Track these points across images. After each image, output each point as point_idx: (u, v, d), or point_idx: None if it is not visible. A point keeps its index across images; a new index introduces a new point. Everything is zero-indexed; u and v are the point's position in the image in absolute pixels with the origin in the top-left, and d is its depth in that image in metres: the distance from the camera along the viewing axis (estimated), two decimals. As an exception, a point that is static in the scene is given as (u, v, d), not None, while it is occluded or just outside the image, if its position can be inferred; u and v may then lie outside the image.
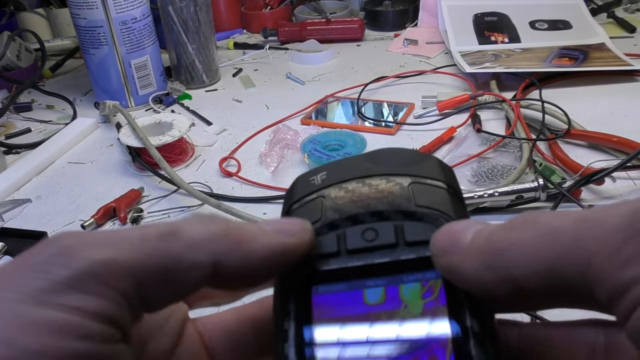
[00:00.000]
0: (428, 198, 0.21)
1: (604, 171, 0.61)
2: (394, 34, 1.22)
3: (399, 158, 0.23)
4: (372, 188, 0.22)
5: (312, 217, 0.22)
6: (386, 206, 0.21)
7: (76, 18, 0.93)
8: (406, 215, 0.21)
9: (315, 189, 0.23)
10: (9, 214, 0.72)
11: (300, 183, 0.24)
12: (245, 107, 0.97)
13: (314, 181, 0.24)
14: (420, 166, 0.23)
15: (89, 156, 0.86)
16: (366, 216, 0.21)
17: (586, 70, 0.92)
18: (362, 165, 0.23)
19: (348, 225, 0.21)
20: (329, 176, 0.23)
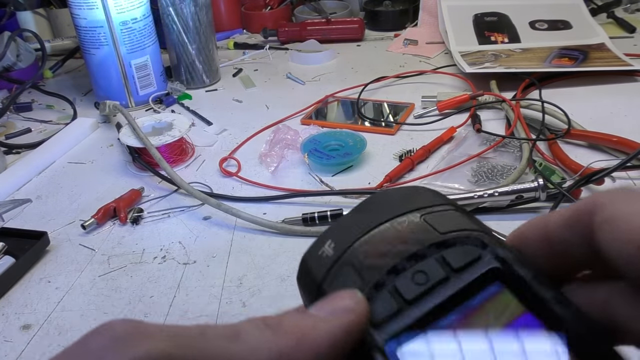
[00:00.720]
0: (445, 223, 0.21)
1: (603, 171, 0.62)
2: (394, 34, 1.22)
3: (391, 200, 0.23)
4: (388, 236, 0.22)
5: (352, 287, 0.21)
6: (415, 246, 0.21)
7: (76, 18, 0.93)
8: (439, 246, 0.21)
9: (334, 260, 0.22)
10: (9, 214, 0.72)
11: (312, 262, 0.23)
12: (245, 107, 0.97)
13: (324, 253, 0.22)
14: (416, 198, 0.23)
15: (89, 156, 0.86)
16: (403, 263, 0.20)
17: (586, 70, 0.92)
18: (362, 219, 0.23)
19: (393, 279, 0.20)
20: (338, 242, 0.22)
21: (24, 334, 0.54)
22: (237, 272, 0.59)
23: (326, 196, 0.69)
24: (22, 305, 0.58)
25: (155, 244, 0.65)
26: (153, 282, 0.59)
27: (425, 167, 0.74)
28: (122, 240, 0.66)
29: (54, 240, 0.66)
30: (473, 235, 0.21)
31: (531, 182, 0.61)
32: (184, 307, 0.55)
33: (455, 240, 0.21)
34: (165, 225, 0.68)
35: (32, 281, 0.61)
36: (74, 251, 0.65)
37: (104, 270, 0.61)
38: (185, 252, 0.63)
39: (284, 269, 0.59)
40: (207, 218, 0.68)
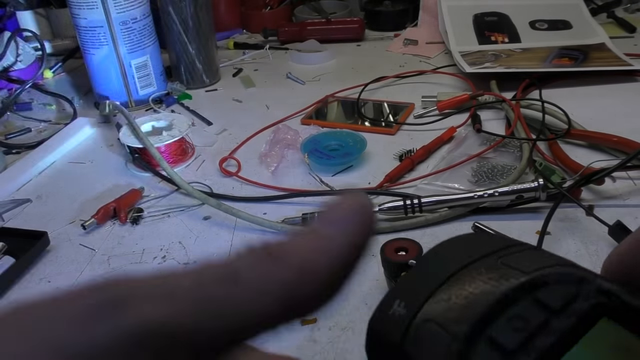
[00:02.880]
0: (526, 262, 0.19)
1: (604, 171, 0.61)
2: (394, 34, 1.22)
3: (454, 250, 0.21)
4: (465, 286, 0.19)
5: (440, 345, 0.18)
6: (502, 289, 0.18)
7: (76, 18, 0.93)
8: (529, 287, 0.18)
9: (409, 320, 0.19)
10: (9, 214, 0.72)
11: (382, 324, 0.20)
12: (245, 107, 0.97)
13: (397, 313, 0.19)
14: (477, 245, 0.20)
15: (89, 156, 0.86)
16: (494, 310, 0.18)
17: (586, 70, 0.92)
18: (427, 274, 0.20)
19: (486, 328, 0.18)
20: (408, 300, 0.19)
21: (24, 334, 0.54)
22: (237, 272, 0.59)
23: (326, 196, 0.69)
24: (22, 305, 0.57)
25: (155, 244, 0.65)
26: (153, 282, 0.59)
27: (425, 167, 0.74)
28: (122, 240, 0.66)
29: (54, 240, 0.66)
30: (563, 270, 0.18)
31: (531, 182, 0.61)
32: (184, 307, 0.55)
33: (545, 278, 0.18)
34: (165, 225, 0.68)
35: (32, 281, 0.61)
36: (74, 251, 0.65)
37: (104, 270, 0.61)
38: (186, 252, 0.63)
39: (284, 269, 0.58)
40: (207, 218, 0.68)
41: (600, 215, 0.58)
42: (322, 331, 0.51)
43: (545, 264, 0.19)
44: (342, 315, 0.52)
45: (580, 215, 0.61)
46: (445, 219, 0.63)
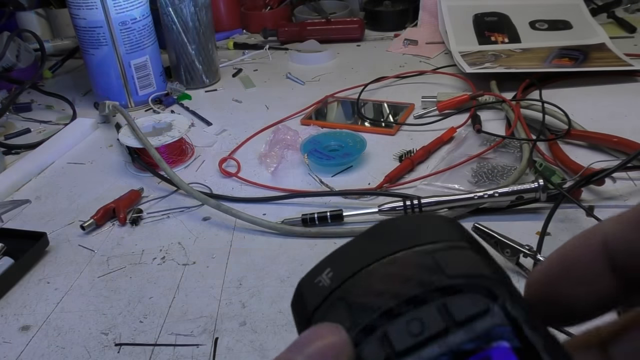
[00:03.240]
0: (457, 264, 0.19)
1: (604, 172, 0.61)
2: (394, 34, 1.22)
3: (401, 229, 0.21)
4: (391, 272, 0.19)
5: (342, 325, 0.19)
6: (417, 288, 0.18)
7: (76, 18, 0.93)
8: (444, 291, 0.18)
9: (328, 292, 0.20)
10: (9, 214, 0.72)
11: (306, 289, 0.21)
12: (245, 107, 0.97)
13: (321, 283, 0.20)
14: (429, 230, 0.20)
15: (88, 156, 0.86)
16: (401, 307, 0.18)
17: (586, 70, 0.92)
18: (367, 248, 0.20)
19: (385, 324, 0.18)
20: (336, 272, 0.20)
21: (23, 335, 0.54)
22: (236, 273, 0.59)
23: (326, 197, 0.69)
24: (21, 306, 0.57)
25: (154, 244, 0.65)
26: (152, 283, 0.59)
27: (425, 167, 0.74)
28: (121, 241, 0.66)
29: (53, 241, 0.66)
30: (484, 283, 0.18)
31: (531, 182, 0.61)
32: (184, 308, 0.55)
33: (463, 286, 0.18)
34: (165, 226, 0.68)
35: (31, 282, 0.61)
36: (73, 252, 0.65)
37: (103, 271, 0.61)
38: (185, 253, 0.63)
39: (283, 270, 0.58)
40: (206, 219, 0.68)
41: (601, 215, 0.58)
42: (322, 332, 0.50)
43: (474, 272, 0.18)
44: (342, 316, 0.52)
45: (580, 215, 0.61)
46: (445, 219, 0.63)
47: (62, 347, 0.52)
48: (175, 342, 0.51)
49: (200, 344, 0.51)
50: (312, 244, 0.62)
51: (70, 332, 0.54)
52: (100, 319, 0.55)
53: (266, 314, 0.53)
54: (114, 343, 0.52)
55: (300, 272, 0.61)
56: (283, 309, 0.53)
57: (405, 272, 0.19)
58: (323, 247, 0.61)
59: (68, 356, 0.51)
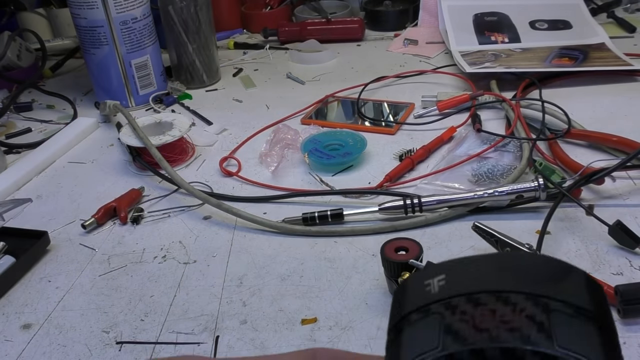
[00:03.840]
0: (573, 337, 0.17)
1: (603, 171, 0.62)
2: (394, 34, 1.22)
3: (537, 269, 0.19)
4: (504, 312, 0.18)
5: (427, 343, 0.18)
6: (519, 342, 0.17)
7: (76, 18, 0.93)
8: (543, 358, 0.17)
9: (432, 300, 0.19)
10: (10, 213, 0.72)
11: (414, 286, 0.20)
12: (245, 107, 0.97)
13: (429, 287, 0.20)
14: (565, 286, 0.19)
15: (89, 156, 0.86)
16: (494, 352, 0.17)
17: (586, 70, 0.92)
18: (491, 274, 0.19)
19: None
20: (449, 283, 0.19)
21: (25, 333, 0.54)
22: (237, 271, 0.59)
23: (326, 196, 0.70)
24: (22, 304, 0.58)
25: (155, 243, 0.65)
26: (153, 281, 0.59)
27: (425, 166, 0.74)
28: (122, 239, 0.66)
29: (54, 240, 0.66)
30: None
31: (531, 181, 0.61)
32: (184, 306, 0.55)
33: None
34: (166, 224, 0.68)
35: (33, 281, 0.61)
36: (74, 251, 0.65)
37: (104, 269, 0.61)
38: (186, 252, 0.63)
39: (284, 269, 0.59)
40: (207, 218, 0.68)
41: (600, 214, 0.58)
42: (322, 331, 0.51)
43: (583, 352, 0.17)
44: (342, 315, 0.52)
45: (580, 214, 0.61)
46: (445, 218, 0.63)
47: (64, 345, 0.52)
48: (176, 341, 0.51)
49: (201, 342, 0.51)
50: (312, 243, 0.62)
51: (72, 330, 0.54)
52: (101, 317, 0.55)
53: (267, 313, 0.53)
54: (115, 341, 0.52)
55: (301, 271, 0.62)
56: (284, 308, 0.54)
57: (515, 318, 0.18)
58: (323, 246, 0.61)
59: (69, 354, 0.51)
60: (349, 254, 0.60)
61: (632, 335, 0.47)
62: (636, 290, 0.48)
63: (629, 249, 0.56)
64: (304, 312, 0.53)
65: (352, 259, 0.59)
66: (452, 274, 0.20)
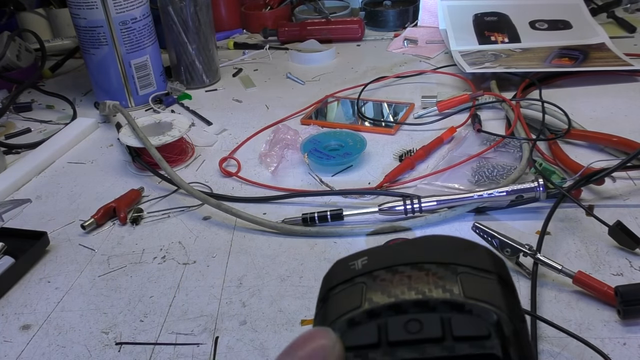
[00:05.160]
0: (478, 289, 0.20)
1: (604, 171, 0.61)
2: (394, 34, 1.22)
3: (446, 246, 0.22)
4: (418, 276, 0.21)
5: (351, 303, 0.20)
6: (432, 296, 0.20)
7: (76, 18, 0.93)
8: (454, 307, 0.19)
9: (356, 274, 0.22)
10: (9, 214, 0.72)
11: (340, 267, 0.23)
12: (245, 107, 0.97)
13: (354, 266, 0.22)
14: (470, 255, 0.22)
15: (89, 156, 0.86)
16: (409, 305, 0.20)
17: (586, 70, 0.92)
18: (407, 252, 0.22)
19: (390, 315, 0.19)
20: (370, 261, 0.22)
21: (24, 334, 0.54)
22: (237, 272, 0.59)
23: (326, 196, 0.69)
24: (21, 305, 0.57)
25: (155, 244, 0.65)
26: (153, 282, 0.59)
27: (425, 167, 0.74)
28: (121, 240, 0.66)
29: (54, 241, 0.66)
30: (493, 311, 0.19)
31: (531, 182, 0.61)
32: (184, 307, 0.55)
33: (473, 309, 0.19)
34: (165, 225, 0.68)
35: (32, 281, 0.61)
36: (74, 251, 0.65)
37: (103, 270, 0.61)
38: (185, 252, 0.63)
39: (283, 269, 0.59)
40: (207, 218, 0.68)
41: (600, 215, 0.58)
42: (322, 331, 0.50)
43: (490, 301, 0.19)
44: (342, 315, 0.52)
45: (580, 215, 0.61)
46: (445, 218, 0.63)
47: (63, 346, 0.52)
48: (176, 341, 0.51)
49: (201, 343, 0.51)
50: (312, 243, 0.62)
51: (71, 331, 0.54)
52: (100, 318, 0.55)
53: (266, 313, 0.53)
54: (115, 342, 0.52)
55: (301, 271, 0.62)
56: (283, 308, 0.54)
57: (428, 279, 0.20)
58: (323, 246, 0.61)
59: (69, 355, 0.51)
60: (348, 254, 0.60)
61: (632, 336, 0.47)
62: (636, 291, 0.48)
63: (629, 250, 0.56)
64: (304, 313, 0.53)
65: (351, 260, 0.59)
66: (373, 255, 0.23)
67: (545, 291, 0.52)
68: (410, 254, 0.22)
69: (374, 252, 0.23)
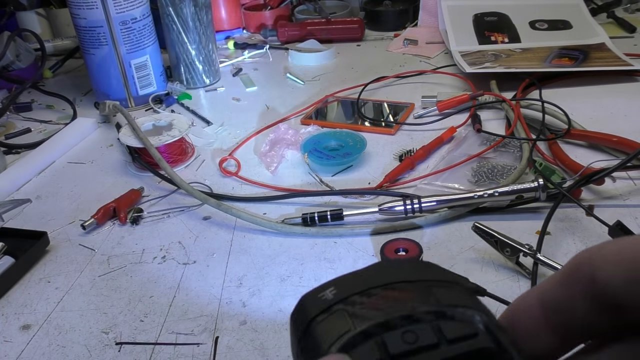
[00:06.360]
0: (450, 297, 0.22)
1: (604, 171, 0.61)
2: (394, 34, 1.22)
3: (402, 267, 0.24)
4: (392, 295, 0.22)
5: (340, 329, 0.21)
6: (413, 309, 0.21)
7: (76, 18, 0.93)
8: (437, 315, 0.21)
9: (331, 303, 0.22)
10: (9, 214, 0.72)
11: (309, 301, 0.23)
12: (245, 107, 0.97)
13: (324, 296, 0.23)
14: (426, 271, 0.23)
15: (89, 156, 0.86)
16: (397, 321, 0.20)
17: (586, 70, 0.92)
18: (373, 276, 0.23)
19: (383, 332, 0.20)
20: (339, 290, 0.23)
21: (24, 334, 0.54)
22: (237, 272, 0.59)
23: (326, 196, 0.69)
24: (21, 305, 0.57)
25: (155, 244, 0.65)
26: (153, 282, 0.59)
27: (425, 167, 0.74)
28: (121, 240, 0.66)
29: (54, 241, 0.66)
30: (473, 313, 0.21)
31: (531, 182, 0.61)
32: (184, 307, 0.55)
33: (455, 314, 0.21)
34: (165, 225, 0.68)
35: (32, 281, 0.61)
36: (74, 251, 0.65)
37: (103, 270, 0.61)
38: (185, 252, 0.63)
39: (283, 269, 0.59)
40: (207, 218, 0.68)
41: (600, 215, 0.58)
42: (322, 331, 0.50)
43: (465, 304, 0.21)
44: (342, 315, 0.52)
45: (580, 215, 0.61)
46: (445, 219, 0.63)
47: (63, 346, 0.52)
48: (176, 341, 0.51)
49: (201, 343, 0.51)
50: (312, 243, 0.62)
51: (71, 331, 0.54)
52: (100, 318, 0.55)
53: (266, 313, 0.53)
54: (115, 342, 0.52)
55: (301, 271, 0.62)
56: (283, 308, 0.54)
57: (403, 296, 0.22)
58: (323, 246, 0.61)
59: (69, 355, 0.51)
60: (348, 254, 0.60)
61: (632, 336, 0.47)
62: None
63: (629, 250, 0.56)
64: (304, 313, 0.53)
65: (351, 260, 0.59)
66: (340, 284, 0.23)
67: (545, 291, 0.52)
68: (377, 278, 0.23)
69: (339, 282, 0.23)
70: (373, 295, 0.22)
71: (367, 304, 0.22)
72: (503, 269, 0.56)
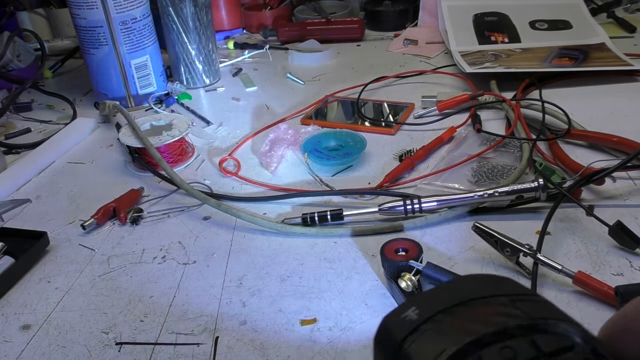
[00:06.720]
0: (535, 309, 0.21)
1: (604, 171, 0.61)
2: (394, 34, 1.22)
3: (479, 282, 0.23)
4: (478, 311, 0.21)
5: (435, 349, 0.20)
6: (506, 324, 0.20)
7: (76, 18, 0.93)
8: (529, 329, 0.20)
9: (417, 324, 0.22)
10: (9, 214, 0.72)
11: (393, 323, 0.23)
12: (245, 107, 0.97)
13: (408, 317, 0.23)
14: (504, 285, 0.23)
15: (88, 156, 0.86)
16: (491, 336, 0.20)
17: (586, 70, 0.92)
18: (450, 293, 0.23)
19: (479, 349, 0.20)
20: (422, 309, 0.22)
21: (24, 334, 0.54)
22: (237, 272, 0.59)
23: (326, 196, 0.69)
24: (21, 305, 0.57)
25: (155, 244, 0.65)
26: (153, 282, 0.59)
27: (425, 167, 0.74)
28: (121, 240, 0.66)
29: (54, 241, 0.66)
30: (566, 325, 0.20)
31: (531, 182, 0.61)
32: (184, 307, 0.55)
33: (547, 326, 0.20)
34: (165, 225, 0.68)
35: (32, 281, 0.61)
36: (74, 251, 0.65)
37: (103, 270, 0.61)
38: (185, 252, 0.63)
39: (283, 269, 0.59)
40: (207, 218, 0.68)
41: (601, 215, 0.58)
42: (322, 331, 0.50)
43: (553, 316, 0.21)
44: (342, 315, 0.52)
45: (580, 215, 0.61)
46: (445, 219, 0.63)
47: (63, 346, 0.52)
48: (176, 341, 0.51)
49: (201, 343, 0.51)
50: (312, 243, 0.62)
51: (71, 331, 0.54)
52: (100, 318, 0.55)
53: (266, 313, 0.53)
54: (115, 342, 0.52)
55: (301, 271, 0.62)
56: (283, 308, 0.54)
57: (489, 312, 0.21)
58: (323, 246, 0.61)
59: (69, 355, 0.51)
60: (348, 254, 0.60)
61: (632, 336, 0.47)
62: (636, 291, 0.48)
63: (629, 250, 0.56)
64: (304, 313, 0.53)
65: (351, 260, 0.59)
66: (421, 303, 0.23)
67: (545, 291, 0.52)
68: (458, 294, 0.23)
69: (419, 301, 0.23)
70: (458, 313, 0.21)
71: (454, 322, 0.21)
72: (503, 269, 0.56)
